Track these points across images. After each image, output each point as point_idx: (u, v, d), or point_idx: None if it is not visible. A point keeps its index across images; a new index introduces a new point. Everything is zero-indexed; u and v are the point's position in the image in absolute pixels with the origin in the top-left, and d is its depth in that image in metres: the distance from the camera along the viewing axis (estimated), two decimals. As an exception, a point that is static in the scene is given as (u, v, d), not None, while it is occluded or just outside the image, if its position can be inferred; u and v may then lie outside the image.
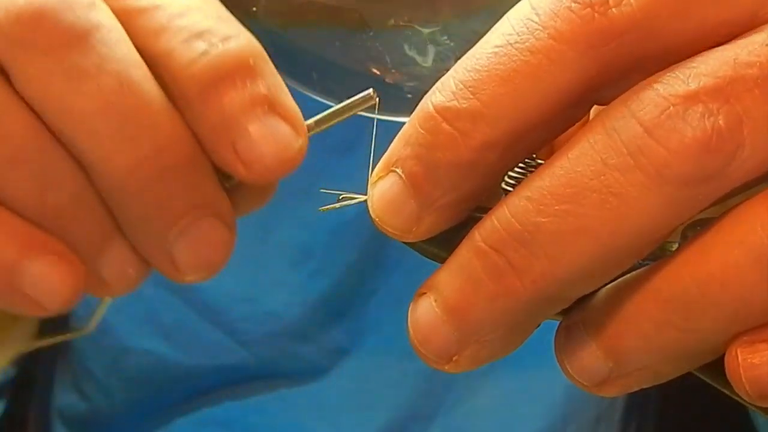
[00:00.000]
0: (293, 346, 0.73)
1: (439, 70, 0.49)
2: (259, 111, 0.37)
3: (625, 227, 0.31)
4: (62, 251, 0.37)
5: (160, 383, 0.75)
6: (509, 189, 0.34)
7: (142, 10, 0.37)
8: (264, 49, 0.38)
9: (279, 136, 0.37)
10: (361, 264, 0.72)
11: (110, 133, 0.36)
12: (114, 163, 0.36)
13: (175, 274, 0.39)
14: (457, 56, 0.33)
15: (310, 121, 0.39)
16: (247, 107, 0.37)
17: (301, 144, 0.38)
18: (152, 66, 0.37)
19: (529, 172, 0.33)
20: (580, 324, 0.34)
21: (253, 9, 0.48)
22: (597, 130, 0.31)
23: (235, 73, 0.37)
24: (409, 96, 0.50)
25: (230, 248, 0.39)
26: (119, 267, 0.39)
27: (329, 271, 0.71)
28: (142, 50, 0.37)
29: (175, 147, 0.37)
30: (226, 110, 0.37)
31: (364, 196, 0.35)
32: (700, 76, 0.30)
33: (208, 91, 0.36)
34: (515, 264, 0.32)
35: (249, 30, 0.37)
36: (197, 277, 0.39)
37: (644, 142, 0.30)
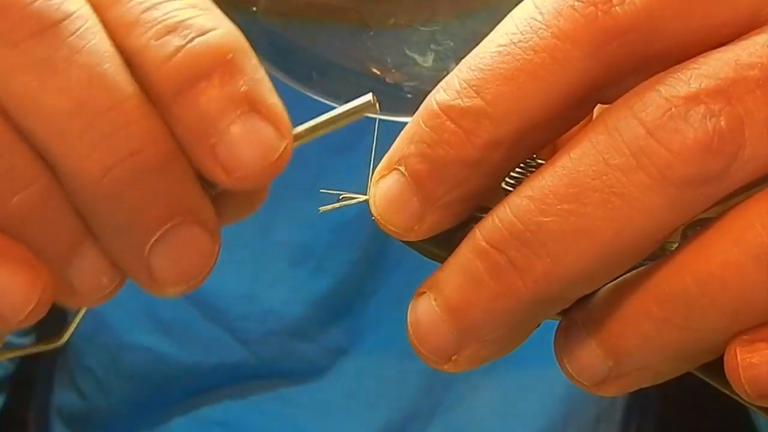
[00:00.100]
0: (293, 345, 0.73)
1: (439, 70, 0.49)
2: (239, 111, 0.34)
3: (627, 227, 0.31)
4: (27, 258, 0.34)
5: (159, 381, 0.75)
6: (509, 189, 0.34)
7: (114, 3, 0.34)
8: (245, 39, 0.35)
9: (261, 139, 0.34)
10: (362, 263, 0.72)
11: (80, 133, 0.33)
12: (85, 165, 0.33)
13: (154, 287, 0.35)
14: (457, 56, 0.33)
15: (303, 127, 0.36)
16: (226, 107, 0.34)
17: (286, 147, 0.35)
18: (127, 60, 0.34)
19: (530, 172, 0.33)
20: (580, 323, 0.34)
21: (253, 9, 0.48)
22: (599, 130, 0.31)
23: (213, 70, 0.34)
24: (409, 96, 0.50)
25: (213, 259, 0.36)
26: (91, 276, 0.35)
27: (329, 270, 0.71)
28: (117, 43, 0.34)
29: (152, 148, 0.34)
30: (204, 111, 0.34)
31: (365, 195, 0.35)
32: (702, 77, 0.30)
33: (183, 91, 0.34)
34: (517, 263, 0.32)
35: (248, 30, 0.36)
36: (178, 290, 0.36)
37: (646, 143, 0.30)
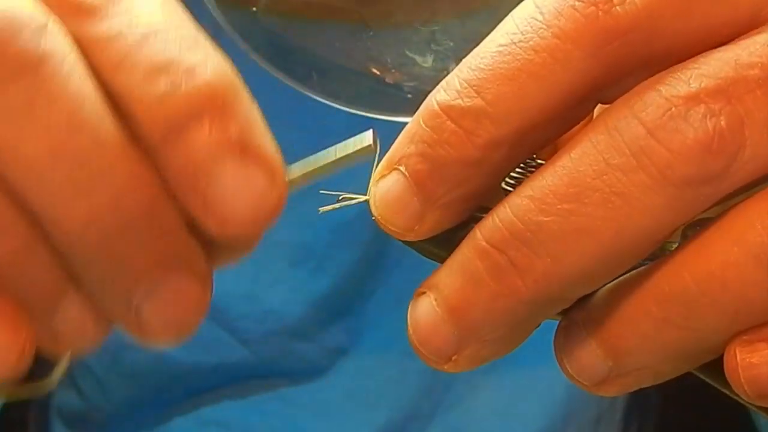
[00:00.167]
0: (293, 345, 0.73)
1: (439, 71, 0.49)
2: (230, 158, 0.32)
3: (627, 227, 0.31)
4: (8, 312, 0.32)
5: (159, 381, 0.75)
6: (509, 189, 0.34)
7: (99, 39, 0.32)
8: (237, 75, 0.33)
9: (254, 188, 0.33)
10: (362, 263, 0.72)
11: (61, 182, 0.31)
12: (67, 215, 0.32)
13: (143, 336, 0.34)
14: (457, 56, 0.33)
15: (297, 172, 0.35)
16: (217, 153, 0.32)
17: (279, 195, 0.33)
18: (115, 101, 0.32)
19: (529, 172, 0.33)
20: (580, 323, 0.34)
21: (253, 9, 0.48)
22: (599, 130, 0.31)
23: (202, 114, 0.32)
24: (409, 96, 0.50)
25: (205, 307, 0.34)
26: (76, 325, 0.34)
27: (330, 270, 0.71)
28: (103, 83, 0.32)
29: (136, 195, 0.32)
30: (194, 157, 0.32)
31: (364, 196, 0.35)
32: (702, 77, 0.30)
33: (172, 136, 0.32)
34: (517, 263, 0.32)
35: (248, 30, 0.36)
36: (168, 339, 0.34)
37: (647, 143, 0.30)
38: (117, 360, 0.75)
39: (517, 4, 0.33)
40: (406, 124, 0.34)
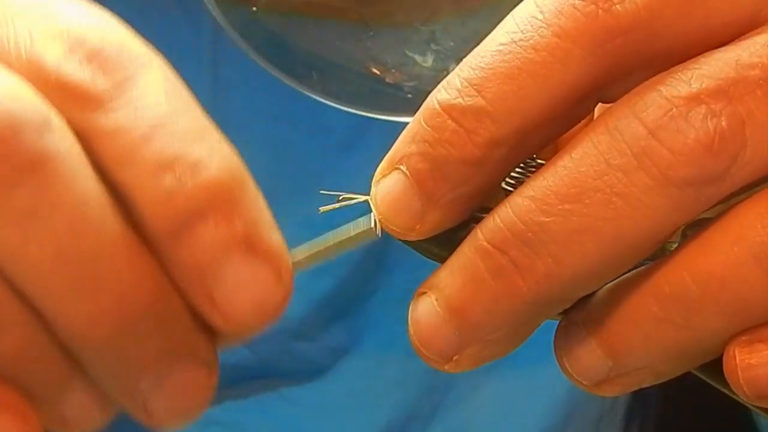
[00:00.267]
0: (294, 345, 0.73)
1: (439, 71, 0.49)
2: (236, 255, 0.32)
3: (628, 227, 0.31)
4: (14, 403, 0.32)
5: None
6: (509, 189, 0.34)
7: (104, 131, 0.32)
8: (244, 167, 0.33)
9: (260, 284, 0.32)
10: (364, 263, 0.71)
11: (65, 285, 0.31)
12: (71, 315, 0.32)
13: (151, 423, 0.34)
14: (458, 56, 0.33)
15: (301, 255, 0.35)
16: (223, 251, 0.32)
17: (285, 290, 0.33)
18: (120, 195, 0.32)
19: (530, 173, 0.33)
20: (580, 323, 0.34)
21: (253, 8, 0.48)
22: (600, 131, 0.31)
23: (209, 210, 0.32)
24: (409, 96, 0.50)
25: (212, 391, 0.34)
26: (83, 410, 0.34)
27: (332, 271, 0.71)
28: (108, 177, 0.32)
29: (142, 293, 0.32)
30: (200, 255, 0.32)
31: (364, 196, 0.35)
32: (703, 77, 0.30)
33: (178, 233, 0.32)
34: (519, 264, 0.32)
35: (248, 30, 0.35)
36: (176, 425, 0.35)
37: (648, 144, 0.30)
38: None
39: (518, 4, 0.33)
40: (406, 124, 0.34)
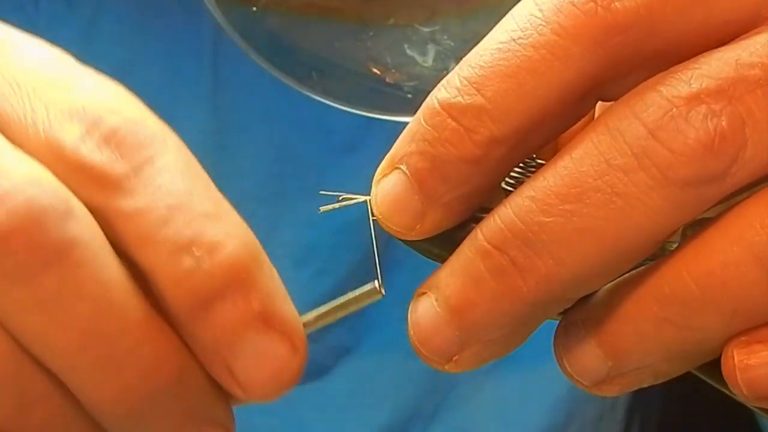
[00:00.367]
0: (296, 345, 0.73)
1: (440, 70, 0.49)
2: (253, 331, 0.34)
3: (629, 227, 0.31)
4: None
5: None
6: (509, 189, 0.34)
7: (123, 214, 0.33)
8: (258, 246, 0.34)
9: (276, 358, 0.34)
10: (366, 263, 0.71)
11: (91, 364, 0.33)
12: (96, 393, 0.33)
13: None
14: (458, 56, 0.33)
15: (311, 316, 0.37)
16: (241, 327, 0.33)
17: (299, 362, 0.35)
18: (142, 275, 0.34)
19: (529, 173, 0.33)
20: (580, 323, 0.33)
21: (253, 9, 0.48)
22: (600, 131, 0.31)
23: (226, 289, 0.33)
24: (409, 96, 0.50)
25: None
26: None
27: (334, 271, 0.71)
28: (129, 258, 0.34)
29: (163, 369, 0.33)
30: (217, 332, 0.33)
31: (364, 196, 0.35)
32: (703, 77, 0.30)
33: (198, 312, 0.33)
34: (519, 264, 0.32)
35: (248, 30, 0.35)
36: None
37: (648, 144, 0.30)
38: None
39: (517, 3, 0.33)
40: (406, 124, 0.34)
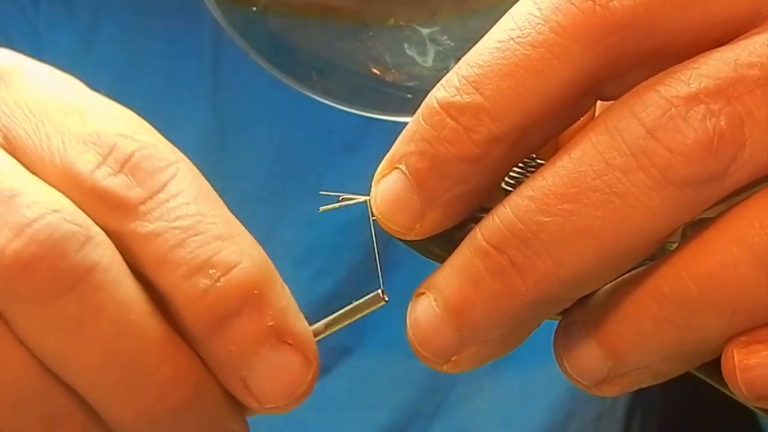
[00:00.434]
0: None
1: (439, 70, 0.49)
2: (267, 345, 0.35)
3: (627, 227, 0.31)
4: None
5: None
6: (509, 189, 0.34)
7: (139, 237, 0.35)
8: (270, 265, 0.36)
9: (290, 371, 0.36)
10: (366, 263, 0.71)
11: (112, 384, 0.35)
12: (118, 410, 0.35)
13: None
14: (457, 56, 0.33)
15: (320, 324, 0.38)
16: (255, 343, 0.35)
17: (312, 374, 0.36)
18: (160, 295, 0.35)
19: (529, 172, 0.33)
20: (580, 323, 0.33)
21: (254, 9, 0.48)
22: (599, 131, 0.31)
23: (240, 308, 0.35)
24: (409, 96, 0.50)
25: None
26: None
27: (334, 271, 0.71)
28: (148, 279, 0.35)
29: (182, 385, 0.35)
30: (233, 348, 0.35)
31: (364, 196, 0.35)
32: (702, 77, 0.30)
33: (213, 330, 0.35)
34: (518, 263, 0.32)
35: (248, 30, 0.36)
36: None
37: (647, 144, 0.30)
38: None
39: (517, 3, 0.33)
40: (406, 124, 0.34)
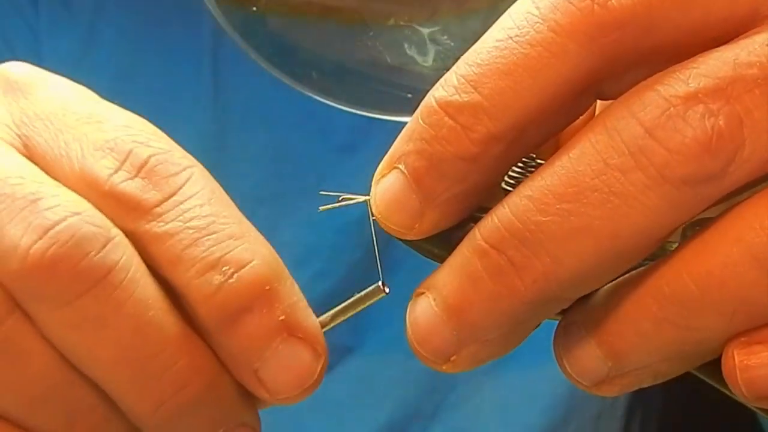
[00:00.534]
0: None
1: (439, 70, 0.49)
2: (279, 339, 0.37)
3: (626, 227, 0.31)
4: None
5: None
6: (508, 189, 0.34)
7: (155, 237, 0.36)
8: (280, 262, 0.38)
9: (300, 363, 0.37)
10: (366, 263, 0.71)
11: (130, 379, 0.36)
12: (136, 403, 0.37)
13: None
14: (457, 56, 0.33)
15: (326, 316, 0.39)
16: (267, 337, 0.37)
17: (322, 366, 0.38)
18: (176, 292, 0.37)
19: (529, 172, 0.33)
20: (580, 323, 0.33)
21: (254, 9, 0.48)
22: (598, 130, 0.31)
23: (252, 303, 0.36)
24: (409, 96, 0.50)
25: None
26: None
27: (334, 271, 0.71)
28: (163, 276, 0.37)
29: (199, 379, 0.37)
30: (245, 342, 0.37)
31: (364, 196, 0.35)
32: (701, 76, 0.30)
33: (226, 325, 0.36)
34: (516, 263, 0.32)
35: (248, 30, 0.36)
36: None
37: (645, 143, 0.30)
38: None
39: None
40: (406, 124, 0.34)
